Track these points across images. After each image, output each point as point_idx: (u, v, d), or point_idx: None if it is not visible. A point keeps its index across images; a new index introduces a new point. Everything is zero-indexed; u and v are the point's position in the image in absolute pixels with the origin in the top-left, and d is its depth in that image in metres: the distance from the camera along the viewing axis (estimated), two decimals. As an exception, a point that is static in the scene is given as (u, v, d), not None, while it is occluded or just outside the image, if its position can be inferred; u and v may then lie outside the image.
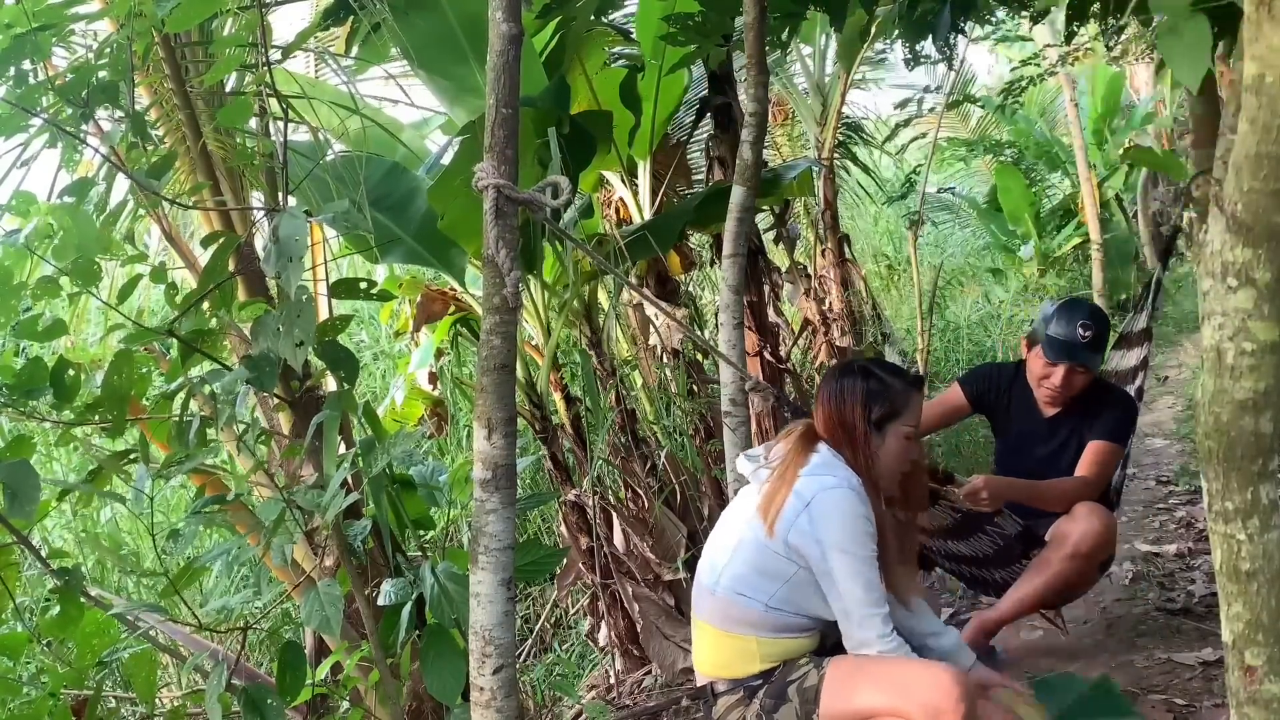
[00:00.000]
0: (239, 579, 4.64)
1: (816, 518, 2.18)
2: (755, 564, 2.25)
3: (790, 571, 2.22)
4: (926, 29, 3.36)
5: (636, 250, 4.12)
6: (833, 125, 6.52)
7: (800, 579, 2.22)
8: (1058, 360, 3.05)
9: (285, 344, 2.22)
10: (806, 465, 2.26)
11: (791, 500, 2.21)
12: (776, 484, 2.26)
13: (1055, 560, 2.92)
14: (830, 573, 2.18)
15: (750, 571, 2.25)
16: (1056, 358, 3.05)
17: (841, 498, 2.20)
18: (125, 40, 2.48)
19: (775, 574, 2.23)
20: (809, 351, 6.43)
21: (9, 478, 2.12)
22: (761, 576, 2.24)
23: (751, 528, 2.27)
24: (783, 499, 2.22)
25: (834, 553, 2.17)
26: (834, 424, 2.33)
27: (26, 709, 2.45)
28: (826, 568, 2.18)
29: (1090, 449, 3.07)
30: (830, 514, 2.19)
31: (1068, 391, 3.08)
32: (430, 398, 5.06)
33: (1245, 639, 1.41)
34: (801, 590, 2.23)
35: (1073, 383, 3.07)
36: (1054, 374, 3.07)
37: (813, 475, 2.24)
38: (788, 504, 2.21)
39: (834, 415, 2.33)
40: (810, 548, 2.19)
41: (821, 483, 2.22)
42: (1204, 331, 1.40)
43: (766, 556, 2.23)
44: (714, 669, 2.34)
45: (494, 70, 1.76)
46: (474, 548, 1.77)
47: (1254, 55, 1.26)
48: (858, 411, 2.30)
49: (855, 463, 2.29)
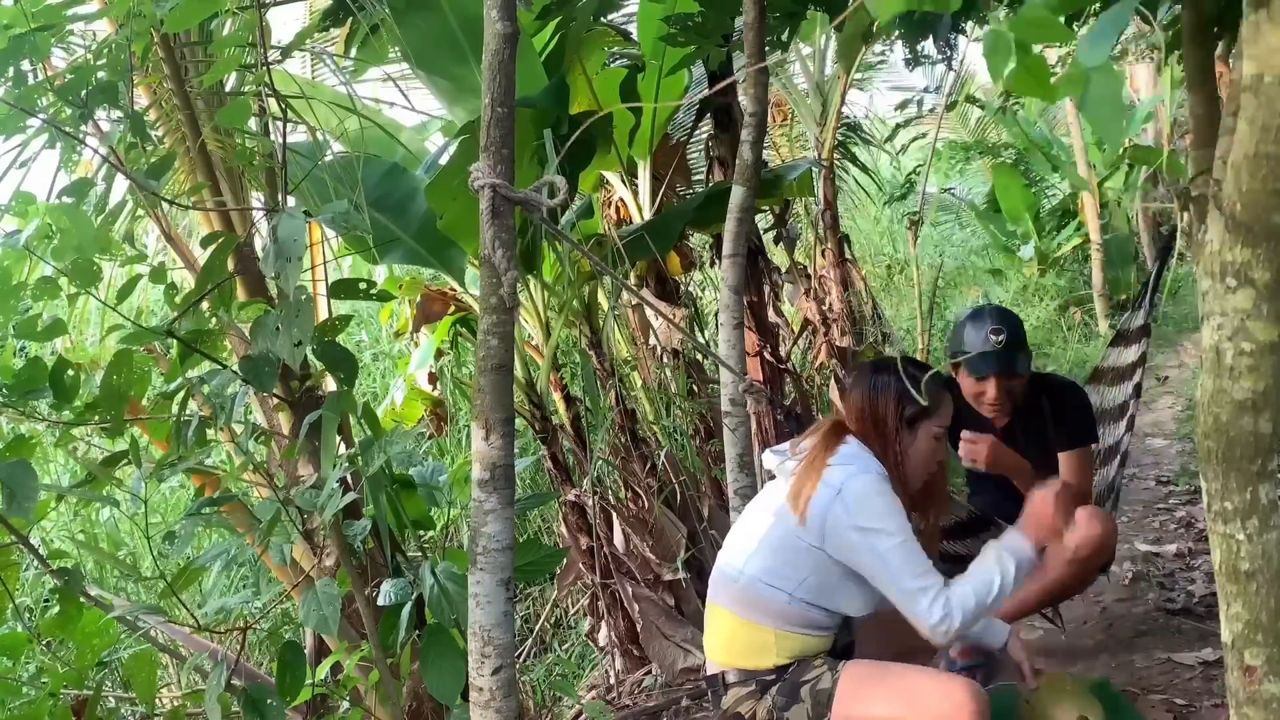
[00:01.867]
0: (238, 579, 4.64)
1: (850, 504, 2.19)
2: (783, 553, 2.26)
3: (820, 562, 2.23)
4: (927, 29, 3.35)
5: (636, 250, 4.12)
6: (832, 126, 6.52)
7: (828, 571, 2.23)
8: (983, 374, 2.94)
9: (284, 344, 2.22)
10: (835, 455, 2.28)
11: (821, 489, 2.22)
12: (804, 475, 2.27)
13: (1056, 565, 2.91)
14: (874, 554, 2.18)
15: (778, 561, 2.26)
16: (980, 371, 2.94)
17: (871, 481, 2.22)
18: (124, 40, 2.48)
19: (803, 565, 2.24)
20: (809, 352, 6.42)
21: (8, 477, 2.12)
22: (790, 567, 2.25)
23: (781, 518, 2.27)
24: (811, 488, 2.23)
25: (874, 535, 2.18)
26: (866, 419, 2.34)
27: (26, 709, 2.45)
28: (868, 551, 2.18)
29: (1065, 461, 3.02)
30: (863, 498, 2.20)
31: (1010, 400, 2.99)
32: (430, 398, 5.06)
33: (1245, 639, 1.40)
34: (828, 582, 2.24)
35: (1011, 391, 2.97)
36: (986, 389, 2.96)
37: (840, 464, 2.25)
38: (818, 493, 2.22)
39: (867, 410, 2.34)
40: (847, 534, 2.19)
41: (848, 470, 2.24)
42: (1203, 331, 1.39)
43: (796, 546, 2.24)
44: (727, 658, 2.34)
45: (489, 69, 1.76)
46: (472, 548, 1.77)
47: (1252, 55, 1.26)
48: (891, 407, 2.31)
49: (885, 458, 2.30)
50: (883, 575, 2.20)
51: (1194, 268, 1.42)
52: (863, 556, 2.20)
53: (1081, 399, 3.12)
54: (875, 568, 2.20)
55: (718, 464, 4.42)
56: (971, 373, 2.98)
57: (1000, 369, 2.94)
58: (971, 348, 2.96)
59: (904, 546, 2.18)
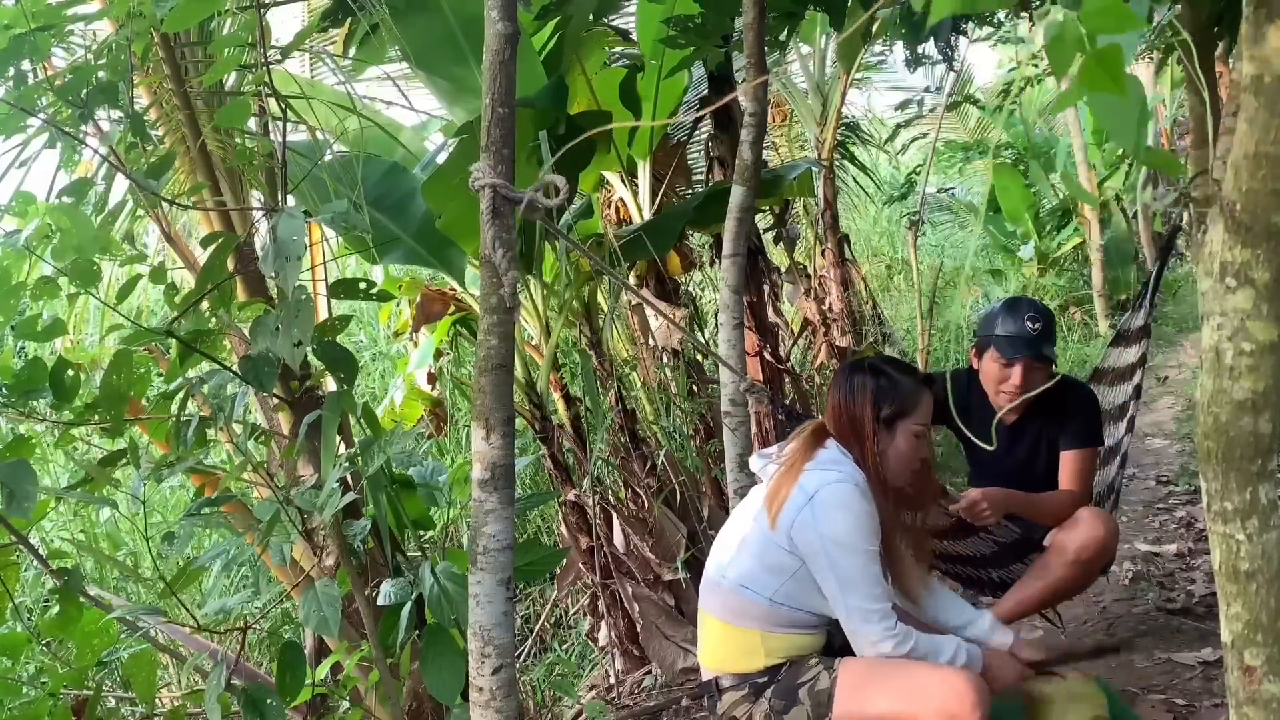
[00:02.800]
0: (238, 579, 4.64)
1: (819, 511, 2.19)
2: (760, 558, 2.26)
3: (793, 566, 2.23)
4: (928, 30, 3.35)
5: (636, 250, 4.12)
6: (832, 126, 6.52)
7: (803, 574, 2.23)
8: (1014, 355, 2.96)
9: (284, 344, 2.22)
10: (813, 460, 2.28)
11: (795, 493, 2.22)
12: (782, 478, 2.28)
13: (1057, 566, 2.91)
14: (831, 566, 2.18)
15: (755, 565, 2.26)
16: (1013, 352, 2.97)
17: (845, 492, 2.21)
18: (124, 40, 2.48)
19: (779, 568, 2.24)
20: (809, 351, 6.42)
21: (8, 477, 2.12)
22: (765, 571, 2.25)
23: (757, 521, 2.28)
24: (787, 492, 2.24)
25: (835, 546, 2.18)
26: (843, 421, 2.33)
27: (26, 709, 2.45)
28: (827, 561, 2.18)
29: (1068, 460, 3.03)
30: (833, 508, 2.19)
31: (1028, 389, 2.97)
32: (429, 398, 5.06)
33: (1244, 639, 1.40)
34: (804, 586, 2.24)
35: (1032, 380, 2.97)
36: (1012, 373, 2.98)
37: (818, 469, 2.25)
38: (791, 497, 2.22)
39: (843, 412, 2.34)
40: (811, 541, 2.19)
41: (824, 477, 2.23)
42: (1203, 331, 1.39)
43: (770, 550, 2.24)
44: (719, 663, 2.34)
45: (489, 69, 1.76)
46: (472, 548, 1.77)
47: (1252, 55, 1.26)
48: (867, 409, 2.31)
49: (863, 460, 2.30)
50: (834, 588, 2.19)
51: (1194, 267, 1.42)
52: (820, 565, 2.20)
53: (1092, 402, 3.14)
54: (829, 579, 2.19)
55: (718, 464, 4.42)
56: (1003, 355, 2.99)
57: (1032, 353, 2.97)
58: (1007, 331, 2.99)
59: (863, 565, 2.18)
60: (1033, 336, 2.97)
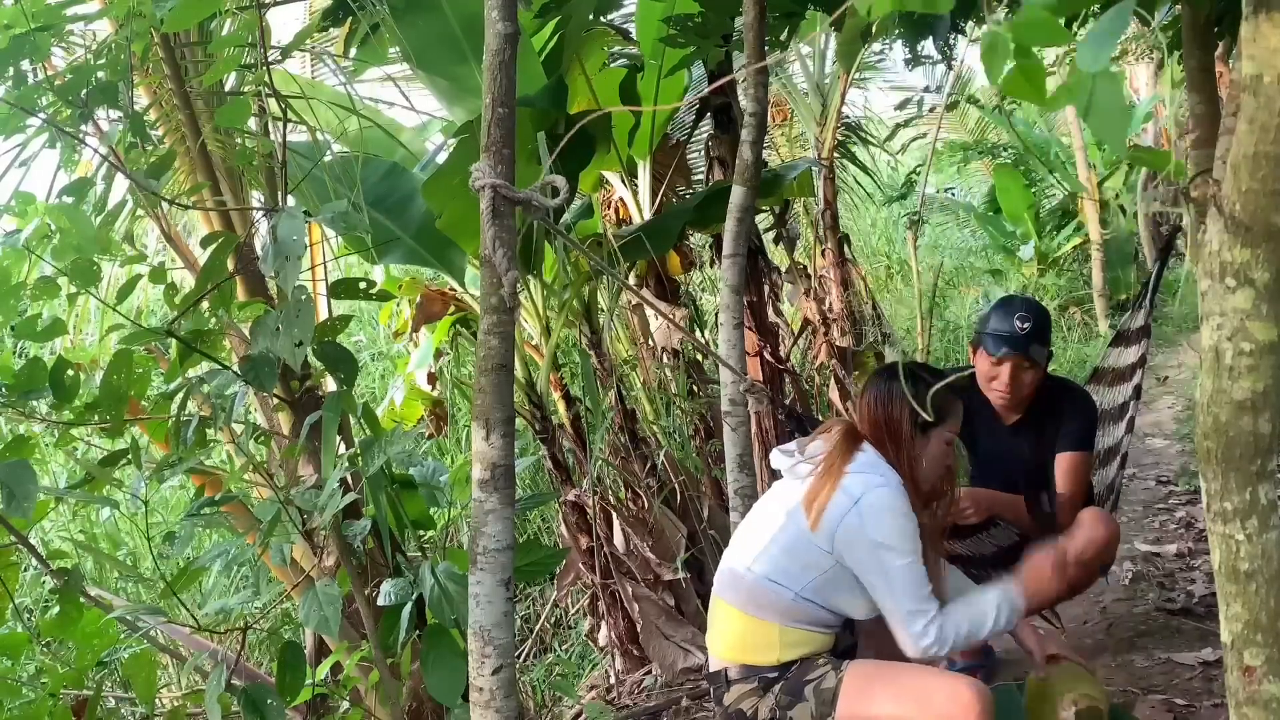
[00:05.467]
0: (238, 579, 4.64)
1: (866, 515, 2.21)
2: (794, 554, 2.28)
3: (828, 565, 2.25)
4: (927, 29, 3.35)
5: (636, 250, 4.12)
6: (832, 125, 6.52)
7: (835, 574, 2.26)
8: (999, 352, 2.97)
9: (284, 344, 2.22)
10: (853, 462, 2.30)
11: (839, 497, 2.24)
12: (822, 479, 2.29)
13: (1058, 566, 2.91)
14: (880, 570, 2.21)
15: (788, 561, 2.28)
16: (997, 350, 2.97)
17: (890, 496, 2.24)
18: (124, 40, 2.49)
19: (812, 565, 2.26)
20: (809, 352, 6.42)
21: (8, 477, 2.13)
22: (798, 566, 2.27)
23: (793, 519, 2.29)
24: (829, 494, 2.25)
25: (884, 551, 2.20)
26: (880, 425, 2.36)
27: (26, 709, 2.45)
28: (875, 565, 2.21)
29: (1062, 463, 3.03)
30: (881, 512, 2.22)
31: (1018, 388, 3.00)
32: (429, 398, 5.06)
33: (1244, 639, 1.40)
34: (834, 585, 2.27)
35: (1021, 379, 2.98)
36: (1000, 371, 2.99)
37: (860, 473, 2.28)
38: (835, 500, 2.24)
39: (881, 416, 2.36)
40: (858, 545, 2.22)
41: (869, 480, 2.26)
42: (1203, 331, 1.39)
43: (807, 548, 2.26)
44: (731, 653, 2.36)
45: (490, 69, 1.76)
46: (473, 548, 1.77)
47: (1252, 55, 1.26)
48: (906, 414, 2.32)
49: (898, 463, 2.32)
50: (884, 591, 2.23)
51: (1194, 267, 1.42)
52: (869, 569, 2.23)
53: (1090, 408, 3.15)
54: (879, 582, 2.23)
55: (718, 464, 4.43)
56: (990, 351, 3.00)
57: (1018, 352, 2.97)
58: (995, 329, 3.00)
59: (911, 567, 2.22)
60: (1021, 336, 2.96)
